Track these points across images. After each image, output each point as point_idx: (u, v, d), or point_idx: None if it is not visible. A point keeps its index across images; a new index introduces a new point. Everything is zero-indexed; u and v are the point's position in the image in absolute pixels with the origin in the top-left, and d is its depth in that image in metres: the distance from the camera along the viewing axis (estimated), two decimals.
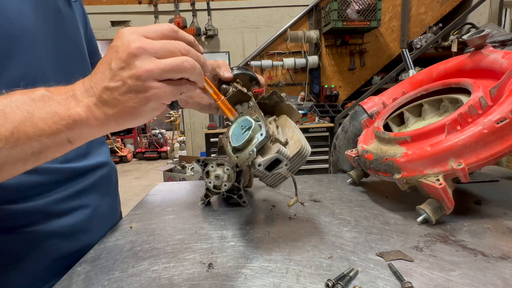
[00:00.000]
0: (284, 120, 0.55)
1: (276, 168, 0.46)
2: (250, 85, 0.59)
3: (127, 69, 0.32)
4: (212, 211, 0.69)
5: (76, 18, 0.59)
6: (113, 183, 0.68)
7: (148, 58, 0.33)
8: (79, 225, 0.54)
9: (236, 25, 3.61)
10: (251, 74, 0.59)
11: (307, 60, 3.47)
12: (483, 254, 0.46)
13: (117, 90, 0.33)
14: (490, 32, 0.67)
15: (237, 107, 0.57)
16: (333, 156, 1.01)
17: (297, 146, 0.47)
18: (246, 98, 0.56)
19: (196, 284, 0.42)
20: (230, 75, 0.56)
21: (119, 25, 3.58)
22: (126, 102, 0.33)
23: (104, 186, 0.63)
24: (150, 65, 0.33)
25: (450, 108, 0.70)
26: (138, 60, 0.32)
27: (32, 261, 0.49)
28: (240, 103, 0.57)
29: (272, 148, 0.46)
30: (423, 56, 2.97)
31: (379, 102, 0.88)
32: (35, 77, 0.47)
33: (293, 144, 0.48)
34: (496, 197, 0.68)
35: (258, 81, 0.60)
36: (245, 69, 0.59)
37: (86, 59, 0.61)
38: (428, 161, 0.55)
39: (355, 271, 0.42)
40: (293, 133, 0.50)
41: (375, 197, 0.72)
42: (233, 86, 0.57)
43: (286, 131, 0.52)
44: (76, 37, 0.58)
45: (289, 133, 0.51)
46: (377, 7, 3.10)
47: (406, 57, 1.25)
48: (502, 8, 3.22)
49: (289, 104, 0.55)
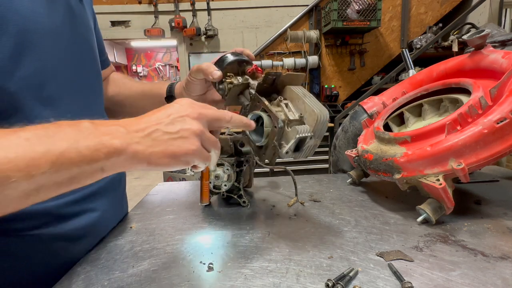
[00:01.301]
0: (290, 92, 0.52)
1: (303, 145, 0.47)
2: (243, 67, 0.58)
3: (186, 124, 0.39)
4: (212, 211, 0.69)
5: (87, 15, 0.58)
6: (122, 188, 0.68)
7: (204, 124, 0.41)
8: (87, 228, 0.54)
9: (236, 25, 3.61)
10: (237, 59, 0.58)
11: (307, 60, 3.47)
12: (483, 254, 0.46)
13: (168, 134, 0.38)
14: (490, 32, 0.67)
15: (240, 97, 0.56)
16: (333, 156, 1.01)
17: (313, 118, 0.47)
18: (244, 86, 0.55)
19: (196, 284, 0.42)
20: (219, 73, 0.55)
21: (119, 25, 3.58)
22: (170, 146, 0.38)
23: (113, 190, 0.63)
24: (204, 129, 0.41)
25: (450, 108, 0.70)
26: (197, 121, 0.40)
27: (41, 264, 0.48)
28: (242, 94, 0.56)
29: (291, 131, 0.47)
30: (423, 56, 2.96)
31: (379, 102, 0.88)
32: (47, 74, 0.46)
33: (309, 116, 0.48)
34: (496, 197, 0.68)
35: (248, 60, 0.59)
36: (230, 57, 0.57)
37: (96, 56, 0.61)
38: (428, 161, 0.55)
39: (355, 271, 0.42)
40: (304, 104, 0.49)
41: (375, 197, 0.72)
42: (226, 82, 0.56)
43: (296, 103, 0.51)
44: (87, 34, 0.58)
45: (300, 105, 0.50)
46: (377, 7, 3.10)
47: (406, 57, 1.25)
48: (502, 8, 3.22)
49: (288, 73, 0.53)
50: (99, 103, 0.62)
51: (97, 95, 0.61)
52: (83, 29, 0.56)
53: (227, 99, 0.57)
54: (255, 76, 0.58)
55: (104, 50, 0.72)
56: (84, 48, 0.57)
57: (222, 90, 0.57)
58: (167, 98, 0.71)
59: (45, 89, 0.46)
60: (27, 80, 0.43)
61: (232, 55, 0.59)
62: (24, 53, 0.43)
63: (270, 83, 0.52)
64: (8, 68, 0.40)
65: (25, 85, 0.43)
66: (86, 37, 0.57)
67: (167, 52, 7.63)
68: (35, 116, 0.44)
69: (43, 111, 0.45)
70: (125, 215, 0.70)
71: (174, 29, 3.47)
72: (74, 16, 0.53)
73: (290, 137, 0.46)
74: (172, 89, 0.71)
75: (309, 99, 0.50)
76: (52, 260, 0.49)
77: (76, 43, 0.54)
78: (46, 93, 0.46)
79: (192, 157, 0.40)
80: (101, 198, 0.58)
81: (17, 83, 0.42)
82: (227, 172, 0.65)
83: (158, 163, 0.38)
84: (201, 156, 0.41)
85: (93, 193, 0.56)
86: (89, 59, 0.58)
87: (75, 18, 0.53)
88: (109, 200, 0.61)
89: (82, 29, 0.56)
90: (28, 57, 0.43)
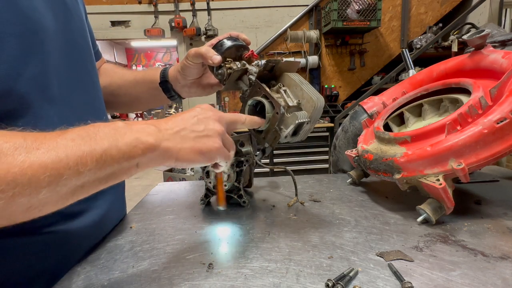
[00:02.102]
0: (288, 79, 0.55)
1: (300, 130, 0.51)
2: (240, 53, 0.59)
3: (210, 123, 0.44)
4: (212, 211, 0.69)
5: (81, 10, 0.58)
6: (121, 187, 0.68)
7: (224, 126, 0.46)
8: (93, 225, 0.54)
9: (236, 25, 3.61)
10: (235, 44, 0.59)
11: (307, 60, 3.47)
12: (483, 254, 0.46)
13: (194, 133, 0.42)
14: (490, 32, 0.67)
15: (239, 82, 0.57)
16: (333, 156, 1.01)
17: (311, 104, 0.50)
18: (243, 72, 0.56)
19: (196, 284, 0.42)
20: (218, 57, 0.57)
21: (119, 25, 3.58)
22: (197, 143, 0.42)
23: (114, 188, 0.63)
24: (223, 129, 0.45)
25: (450, 108, 0.70)
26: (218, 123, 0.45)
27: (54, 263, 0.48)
28: (240, 79, 0.57)
29: (290, 117, 0.49)
30: (423, 56, 2.97)
31: (379, 102, 0.88)
32: (50, 73, 0.46)
33: (306, 103, 0.51)
34: (496, 197, 0.68)
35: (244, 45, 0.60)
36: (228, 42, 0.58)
37: (91, 52, 0.61)
38: (428, 161, 0.55)
39: (355, 271, 0.42)
40: (302, 91, 0.52)
41: (375, 197, 0.72)
42: (225, 67, 0.56)
43: (294, 90, 0.53)
44: (83, 30, 0.58)
45: (297, 91, 0.53)
46: (377, 7, 3.10)
47: (406, 57, 1.25)
48: (502, 8, 3.22)
49: (286, 61, 0.55)
50: (99, 97, 0.61)
51: (97, 90, 0.61)
52: (78, 24, 0.56)
53: (226, 84, 0.58)
54: (251, 61, 0.60)
55: (95, 43, 0.71)
56: (81, 44, 0.56)
57: (221, 75, 0.57)
58: (161, 83, 0.70)
59: (50, 88, 0.46)
60: (35, 80, 0.43)
61: (229, 40, 0.60)
62: (30, 53, 0.42)
63: (269, 69, 0.55)
64: (17, 70, 0.40)
65: (33, 85, 0.43)
66: (82, 32, 0.57)
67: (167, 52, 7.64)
68: (42, 116, 0.44)
69: (49, 110, 0.45)
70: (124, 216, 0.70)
71: (174, 29, 3.47)
72: (69, 11, 0.53)
73: (289, 123, 0.49)
74: (165, 74, 0.70)
75: (306, 86, 0.52)
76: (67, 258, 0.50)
77: (74, 39, 0.53)
78: (51, 92, 0.46)
79: (216, 153, 0.44)
80: (104, 197, 0.58)
81: (26, 84, 0.42)
82: (227, 172, 0.65)
83: (185, 159, 0.41)
84: (223, 154, 0.45)
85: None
86: (87, 55, 0.58)
87: (70, 13, 0.53)
88: (111, 199, 0.61)
89: (78, 23, 0.56)
90: (34, 57, 0.43)
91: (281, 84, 0.54)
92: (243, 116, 0.50)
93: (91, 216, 0.54)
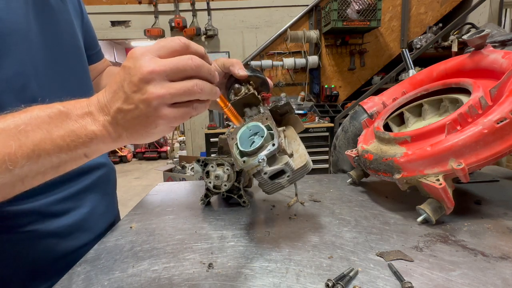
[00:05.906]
0: (291, 132, 0.56)
1: (278, 178, 0.49)
2: (261, 89, 0.59)
3: (139, 93, 0.33)
4: (212, 211, 0.69)
5: (69, 12, 0.58)
6: (112, 183, 0.68)
7: (160, 82, 0.33)
8: (76, 224, 0.55)
9: (236, 25, 3.61)
10: (264, 78, 0.59)
11: (307, 60, 3.47)
12: (483, 254, 0.46)
13: (129, 112, 0.34)
14: (490, 32, 0.67)
15: (246, 110, 0.56)
16: (333, 156, 1.01)
17: (302, 160, 0.49)
18: (256, 102, 0.55)
19: (196, 284, 0.42)
20: (245, 73, 0.55)
21: (119, 25, 3.58)
22: (137, 124, 0.35)
23: (102, 186, 0.63)
24: (161, 90, 0.33)
25: (450, 108, 0.70)
26: (150, 85, 0.33)
27: (30, 261, 0.49)
28: (249, 106, 0.56)
29: (278, 159, 0.48)
30: (423, 56, 2.97)
31: (379, 102, 0.88)
32: (28, 75, 0.46)
33: (298, 157, 0.50)
34: (496, 197, 0.68)
35: (268, 86, 0.60)
36: (259, 72, 0.59)
37: (81, 53, 0.60)
38: (428, 161, 0.55)
39: (355, 271, 0.42)
40: (299, 147, 0.52)
41: (375, 197, 0.72)
42: (246, 87, 0.56)
43: (292, 143, 0.54)
44: (70, 32, 0.57)
45: (294, 145, 0.53)
46: (377, 7, 3.10)
47: (406, 57, 1.25)
48: (502, 8, 3.22)
49: (297, 116, 0.57)
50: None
51: (86, 90, 0.60)
52: (64, 27, 0.55)
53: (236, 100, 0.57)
54: (264, 103, 0.60)
55: (96, 43, 0.71)
56: (66, 46, 0.56)
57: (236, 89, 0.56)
58: None
59: (28, 90, 0.46)
60: (9, 82, 0.43)
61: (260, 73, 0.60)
62: (3, 55, 0.42)
63: (282, 112, 0.56)
64: None
65: (7, 87, 0.43)
66: (67, 35, 0.56)
67: None
68: None
69: None
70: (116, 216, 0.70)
71: (174, 29, 3.48)
72: (54, 14, 0.53)
73: (275, 162, 0.48)
74: None
75: (303, 146, 0.53)
76: (44, 256, 0.50)
77: (57, 42, 0.53)
78: (29, 94, 0.46)
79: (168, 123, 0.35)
80: (90, 195, 0.58)
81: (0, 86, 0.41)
82: (227, 172, 0.65)
83: (139, 141, 0.36)
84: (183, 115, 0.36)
85: (80, 191, 0.57)
86: (73, 57, 0.58)
87: (55, 16, 0.53)
88: (99, 196, 0.61)
89: (63, 26, 0.55)
90: (7, 60, 0.43)
91: (285, 129, 0.55)
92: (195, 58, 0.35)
93: (74, 216, 0.54)
